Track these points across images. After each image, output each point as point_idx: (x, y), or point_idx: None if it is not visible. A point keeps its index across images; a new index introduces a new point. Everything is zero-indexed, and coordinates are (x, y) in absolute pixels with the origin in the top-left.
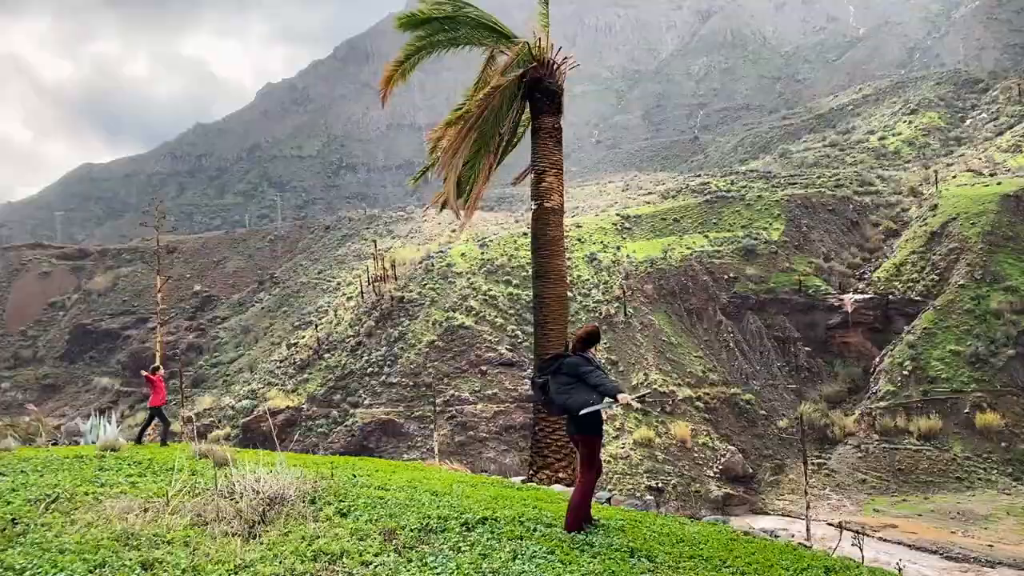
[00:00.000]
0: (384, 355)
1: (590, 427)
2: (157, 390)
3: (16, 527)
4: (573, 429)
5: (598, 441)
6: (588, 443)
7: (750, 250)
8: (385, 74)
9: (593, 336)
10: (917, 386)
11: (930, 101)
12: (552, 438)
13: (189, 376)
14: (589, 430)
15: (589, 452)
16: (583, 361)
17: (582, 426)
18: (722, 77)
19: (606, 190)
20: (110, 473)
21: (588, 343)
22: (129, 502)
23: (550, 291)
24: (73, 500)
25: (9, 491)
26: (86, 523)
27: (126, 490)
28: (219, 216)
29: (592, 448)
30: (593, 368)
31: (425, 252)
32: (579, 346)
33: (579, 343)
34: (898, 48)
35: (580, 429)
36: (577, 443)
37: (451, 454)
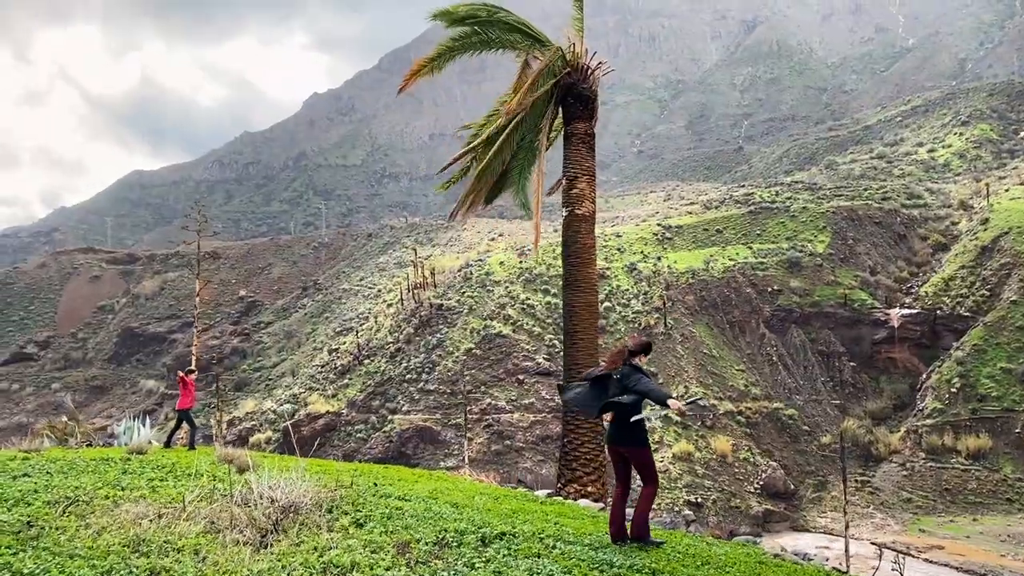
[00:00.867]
0: (422, 362)
1: (637, 439)
2: (186, 393)
3: (31, 530)
4: (619, 439)
5: (648, 452)
6: (638, 456)
7: (794, 262)
8: (414, 67)
9: (644, 348)
10: (966, 404)
11: (982, 112)
12: (581, 451)
13: (232, 380)
14: (637, 442)
15: (642, 464)
16: (632, 370)
17: (630, 438)
18: (767, 87)
19: (647, 200)
20: (132, 476)
21: (637, 354)
22: (145, 507)
23: (580, 300)
24: (91, 504)
25: (31, 492)
26: (100, 528)
27: (145, 494)
28: (265, 223)
29: (644, 460)
30: (641, 376)
31: (464, 260)
32: (628, 357)
33: (629, 354)
34: (949, 59)
35: (628, 442)
36: (625, 457)
37: (487, 463)
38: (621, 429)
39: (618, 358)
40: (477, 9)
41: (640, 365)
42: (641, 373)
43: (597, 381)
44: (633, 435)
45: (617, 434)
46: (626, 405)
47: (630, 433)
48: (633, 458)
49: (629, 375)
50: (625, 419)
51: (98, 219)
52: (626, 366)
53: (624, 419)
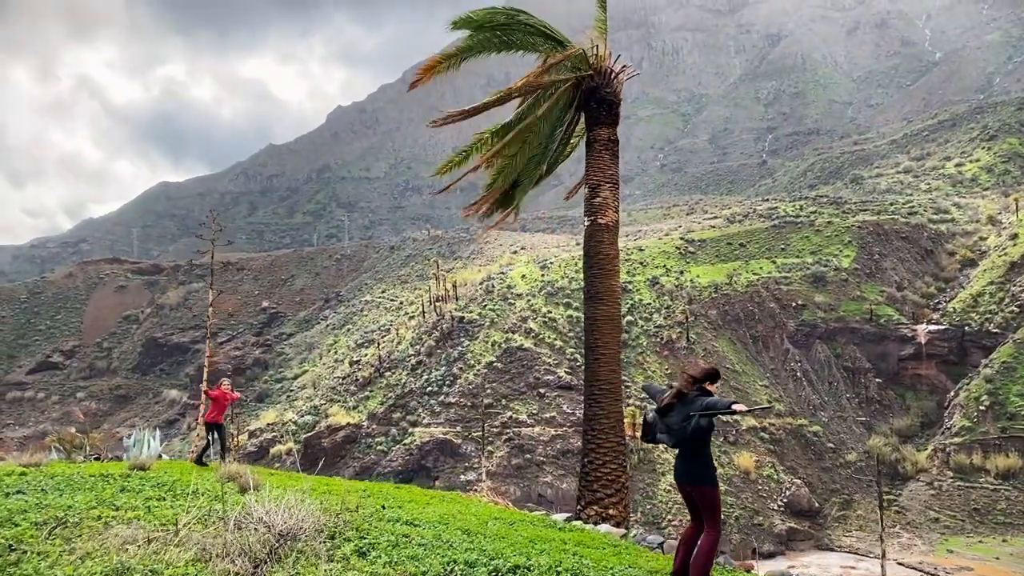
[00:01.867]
0: (443, 375)
1: (705, 476)
2: (215, 404)
3: (11, 554)
4: (684, 476)
5: (717, 492)
6: (705, 495)
7: (819, 277)
8: (429, 63)
9: (710, 376)
10: (995, 422)
11: (1010, 127)
12: (603, 471)
13: (254, 391)
14: (705, 480)
15: (709, 505)
16: (699, 394)
17: (696, 475)
18: (791, 101)
19: (670, 213)
20: (130, 495)
21: (703, 382)
22: (134, 531)
23: (603, 313)
24: (80, 525)
25: (20, 512)
26: (84, 553)
27: (140, 515)
28: (288, 235)
29: (711, 500)
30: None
31: (486, 273)
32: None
33: (694, 381)
34: (976, 73)
35: (695, 479)
36: (693, 496)
37: (507, 477)
38: (686, 463)
39: (686, 386)
40: (496, 14)
41: (710, 391)
42: (706, 394)
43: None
44: (699, 472)
45: (682, 471)
46: (688, 437)
47: (696, 469)
48: (699, 498)
49: (695, 399)
50: (690, 452)
51: (125, 230)
52: (695, 391)
53: (690, 451)
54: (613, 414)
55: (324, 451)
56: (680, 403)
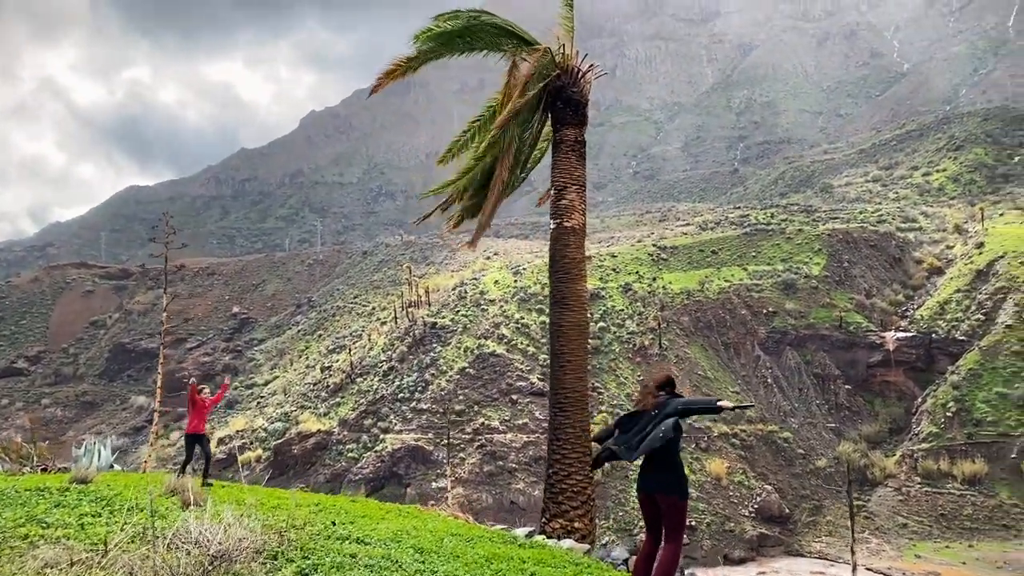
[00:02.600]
0: (415, 381)
1: (678, 487)
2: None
3: None
4: (654, 484)
5: (686, 505)
6: (673, 507)
7: (790, 284)
8: (390, 67)
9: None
10: (961, 428)
11: (976, 137)
12: (568, 483)
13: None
14: (677, 490)
15: (675, 517)
16: (670, 397)
17: (667, 484)
18: (763, 110)
19: (643, 220)
20: (64, 511)
21: (664, 388)
22: (60, 552)
23: (569, 318)
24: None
25: None
26: None
27: (71, 534)
28: (260, 240)
29: (679, 513)
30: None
31: (459, 279)
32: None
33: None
34: (943, 84)
35: (665, 487)
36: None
37: (479, 484)
38: (657, 471)
39: (649, 396)
40: (457, 18)
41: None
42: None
43: (628, 420)
44: (671, 479)
45: (652, 477)
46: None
47: (667, 477)
48: (667, 508)
49: (666, 402)
50: (661, 460)
51: (92, 234)
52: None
53: (660, 460)
54: (579, 423)
55: (294, 458)
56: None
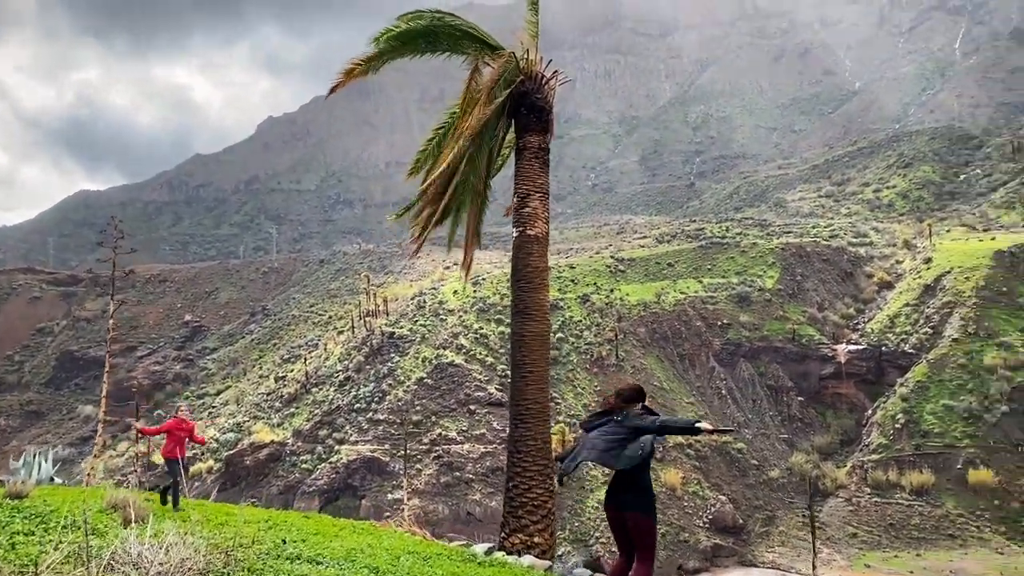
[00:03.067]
0: (372, 391)
1: (645, 504)
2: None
3: None
4: (621, 501)
5: (654, 521)
6: (641, 524)
7: (744, 297)
8: (350, 65)
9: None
10: (910, 440)
11: (924, 155)
12: (528, 496)
13: (174, 407)
14: (644, 507)
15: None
16: (644, 411)
17: (635, 501)
18: (719, 125)
19: (601, 232)
20: None
21: (634, 402)
22: None
23: (531, 329)
24: None
25: None
26: None
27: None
28: (214, 247)
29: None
30: (655, 417)
31: (418, 288)
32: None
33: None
34: (893, 103)
35: (632, 505)
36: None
37: (436, 495)
38: (626, 488)
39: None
40: (420, 18)
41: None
42: (651, 412)
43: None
44: (640, 498)
45: (619, 494)
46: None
47: (636, 496)
48: (635, 527)
49: (640, 414)
50: (631, 478)
51: (40, 239)
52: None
53: (630, 478)
54: (540, 435)
55: (246, 470)
56: (615, 421)
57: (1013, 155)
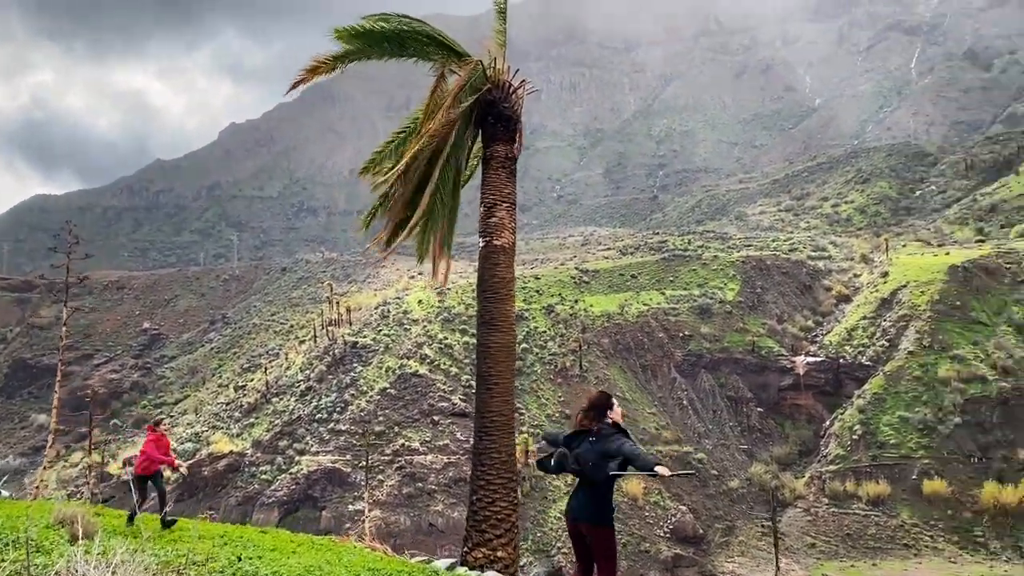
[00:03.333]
0: (334, 401)
1: (604, 517)
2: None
3: None
4: (581, 514)
5: (613, 534)
6: (601, 537)
7: (705, 309)
8: (313, 63)
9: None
10: (866, 451)
11: (881, 171)
12: (492, 509)
13: (131, 416)
14: (603, 520)
15: (604, 548)
16: (613, 430)
17: (595, 514)
18: (682, 139)
19: (566, 244)
20: None
21: (607, 410)
22: None
23: (496, 340)
24: None
25: None
26: None
27: None
28: (174, 254)
29: (607, 543)
30: (625, 438)
31: (382, 298)
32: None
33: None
34: (851, 120)
35: (592, 517)
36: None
37: (397, 506)
38: (586, 502)
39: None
40: (387, 19)
41: (619, 423)
42: (623, 433)
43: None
44: (599, 510)
45: (579, 507)
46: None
47: (596, 508)
48: (595, 539)
49: (610, 436)
50: (592, 491)
51: None
52: (604, 426)
53: (591, 491)
54: (505, 448)
55: (205, 481)
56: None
57: (966, 172)
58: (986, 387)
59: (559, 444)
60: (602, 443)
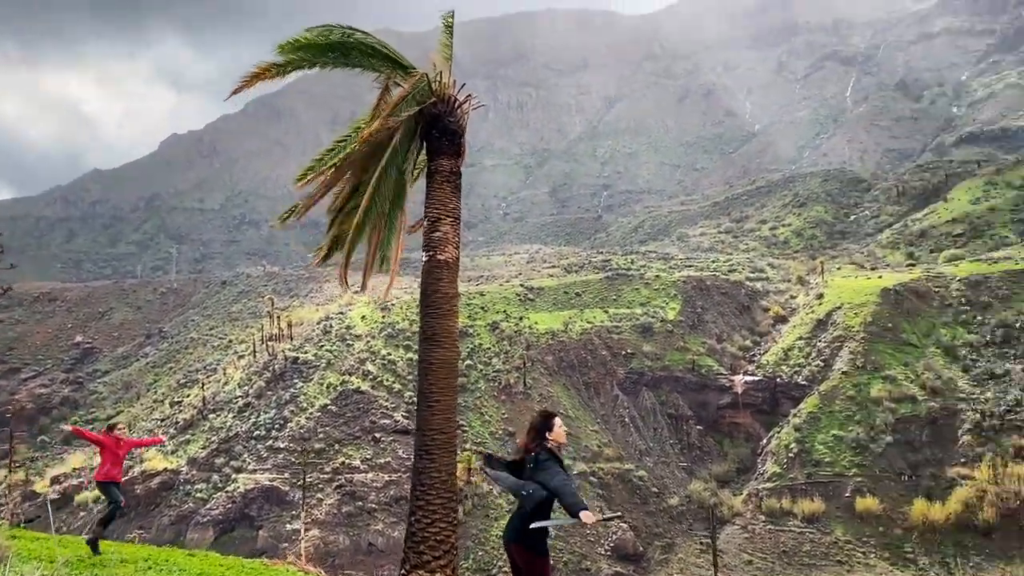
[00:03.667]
0: (273, 418)
1: (535, 545)
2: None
3: None
4: (513, 536)
5: (544, 564)
6: (530, 565)
7: (647, 328)
8: (256, 70)
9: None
10: (802, 469)
11: (817, 196)
12: (431, 531)
13: (61, 432)
14: (533, 548)
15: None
16: (547, 457)
17: (526, 540)
18: (626, 161)
19: (511, 261)
20: None
21: (546, 431)
22: None
23: (439, 356)
24: None
25: None
26: None
27: None
28: (110, 266)
29: (536, 572)
30: (557, 469)
31: (324, 313)
32: (533, 438)
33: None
34: (789, 145)
35: (523, 542)
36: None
37: (337, 525)
38: (520, 526)
39: (530, 438)
40: (331, 31)
41: (555, 449)
42: (557, 463)
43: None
44: (531, 537)
45: (513, 531)
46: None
47: (527, 534)
48: (523, 564)
49: (543, 464)
50: (526, 516)
51: None
52: (541, 450)
53: (525, 516)
54: (445, 467)
55: (137, 499)
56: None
57: (898, 198)
58: (916, 407)
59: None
60: (537, 471)
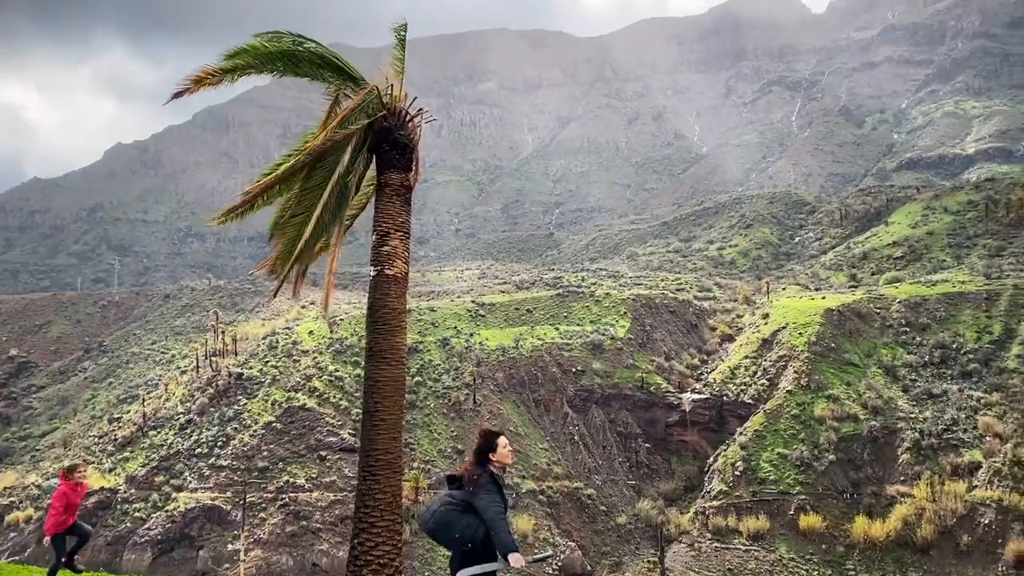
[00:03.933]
0: (216, 435)
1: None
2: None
3: None
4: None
5: None
6: None
7: (597, 345)
8: (199, 74)
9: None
10: (747, 487)
11: (763, 217)
12: (375, 554)
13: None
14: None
15: None
16: (487, 481)
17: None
18: (577, 180)
19: (463, 277)
20: None
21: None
22: None
23: (385, 373)
24: None
25: None
26: None
27: None
28: (48, 277)
29: None
30: (493, 497)
31: (271, 328)
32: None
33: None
34: (736, 168)
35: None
36: None
37: (280, 545)
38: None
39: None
40: (281, 38)
41: (498, 472)
42: (495, 489)
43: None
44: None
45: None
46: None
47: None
48: None
49: (482, 488)
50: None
51: None
52: (483, 473)
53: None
54: (390, 488)
55: None
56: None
57: (841, 222)
58: (858, 425)
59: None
60: (474, 494)
